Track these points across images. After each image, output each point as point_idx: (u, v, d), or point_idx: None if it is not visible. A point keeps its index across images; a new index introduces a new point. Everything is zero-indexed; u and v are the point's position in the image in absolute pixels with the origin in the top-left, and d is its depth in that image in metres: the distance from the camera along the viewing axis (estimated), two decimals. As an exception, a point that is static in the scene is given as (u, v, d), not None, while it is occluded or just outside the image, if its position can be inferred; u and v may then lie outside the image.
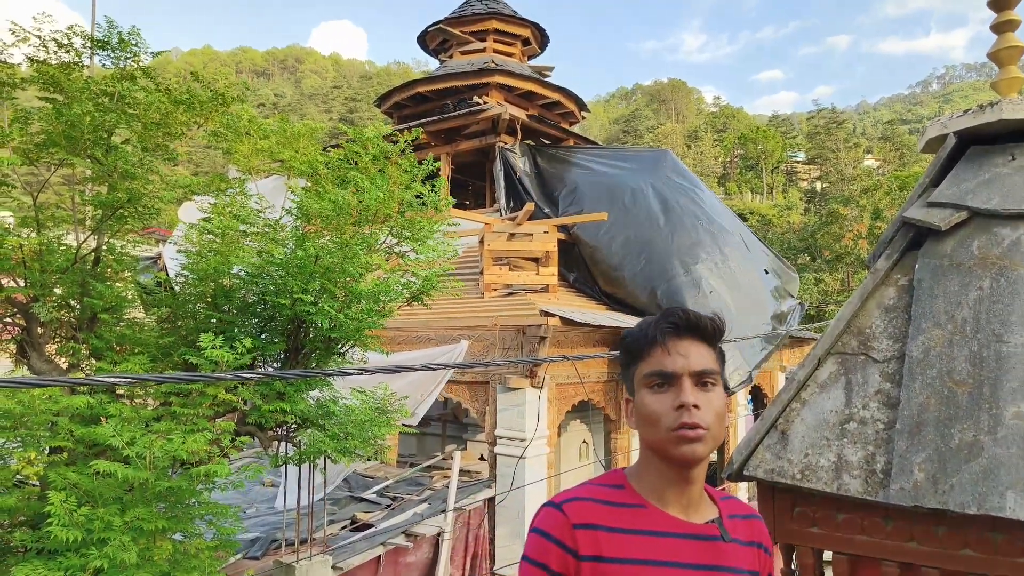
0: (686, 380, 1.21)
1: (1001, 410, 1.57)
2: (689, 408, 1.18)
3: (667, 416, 1.20)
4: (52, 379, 2.59)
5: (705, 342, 1.26)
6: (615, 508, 1.22)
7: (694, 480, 1.24)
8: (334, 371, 3.65)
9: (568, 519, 1.20)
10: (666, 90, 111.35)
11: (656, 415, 1.21)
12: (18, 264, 4.63)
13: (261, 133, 6.29)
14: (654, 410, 1.22)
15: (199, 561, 4.59)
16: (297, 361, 5.66)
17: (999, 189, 1.89)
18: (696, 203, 11.49)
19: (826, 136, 70.20)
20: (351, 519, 7.50)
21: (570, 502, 1.23)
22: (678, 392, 1.20)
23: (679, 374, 1.21)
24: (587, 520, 1.20)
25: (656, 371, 1.23)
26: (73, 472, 4.02)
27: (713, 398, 1.22)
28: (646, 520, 1.21)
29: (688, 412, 1.18)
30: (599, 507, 1.22)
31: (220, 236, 5.44)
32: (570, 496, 1.25)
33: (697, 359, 1.22)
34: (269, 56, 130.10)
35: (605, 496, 1.25)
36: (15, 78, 4.84)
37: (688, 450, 1.18)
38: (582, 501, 1.23)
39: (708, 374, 1.22)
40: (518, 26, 14.34)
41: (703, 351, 1.24)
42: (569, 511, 1.22)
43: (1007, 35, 2.15)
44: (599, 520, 1.21)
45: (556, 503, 1.24)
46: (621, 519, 1.21)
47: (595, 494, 1.25)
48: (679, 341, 1.24)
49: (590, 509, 1.22)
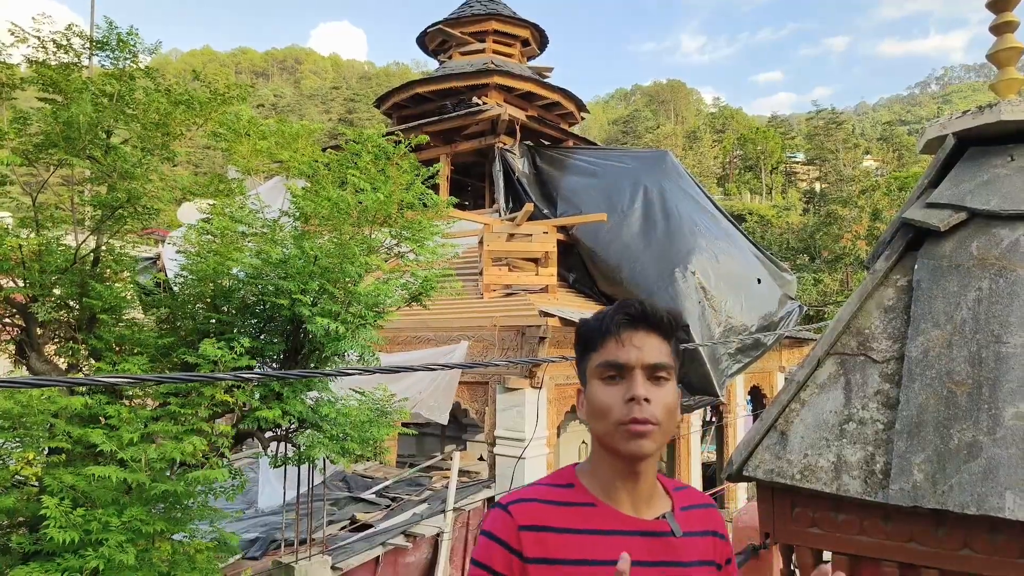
0: (638, 373, 1.18)
1: (1000, 411, 1.57)
2: (640, 402, 1.15)
3: (617, 409, 1.17)
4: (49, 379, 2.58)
5: (660, 335, 1.22)
6: (564, 508, 1.20)
7: (644, 474, 1.21)
8: (333, 372, 3.64)
9: (514, 520, 1.19)
10: (665, 91, 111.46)
11: (606, 407, 1.18)
12: (17, 264, 4.63)
13: (260, 134, 6.29)
14: (604, 402, 1.19)
15: (198, 562, 4.59)
16: (296, 362, 5.66)
17: (998, 190, 1.90)
18: (695, 206, 11.50)
19: (825, 137, 70.26)
20: (350, 519, 7.49)
21: (517, 503, 1.21)
22: (630, 385, 1.17)
23: (632, 366, 1.18)
24: (533, 521, 1.18)
25: (608, 362, 1.20)
26: (69, 475, 4.01)
27: (665, 392, 1.19)
28: (596, 519, 1.19)
29: (639, 406, 1.15)
30: (547, 507, 1.20)
31: (219, 237, 5.44)
32: (517, 497, 1.23)
33: (651, 352, 1.19)
34: (268, 57, 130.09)
35: (554, 496, 1.23)
36: (14, 79, 4.84)
37: (635, 445, 1.16)
38: (529, 502, 1.21)
39: (661, 368, 1.20)
40: (517, 27, 14.34)
41: (657, 344, 1.21)
42: (515, 512, 1.20)
43: (1006, 36, 2.15)
44: (546, 521, 1.18)
45: (503, 504, 1.22)
46: (570, 519, 1.19)
47: (543, 494, 1.23)
48: (634, 333, 1.20)
49: (537, 510, 1.20)
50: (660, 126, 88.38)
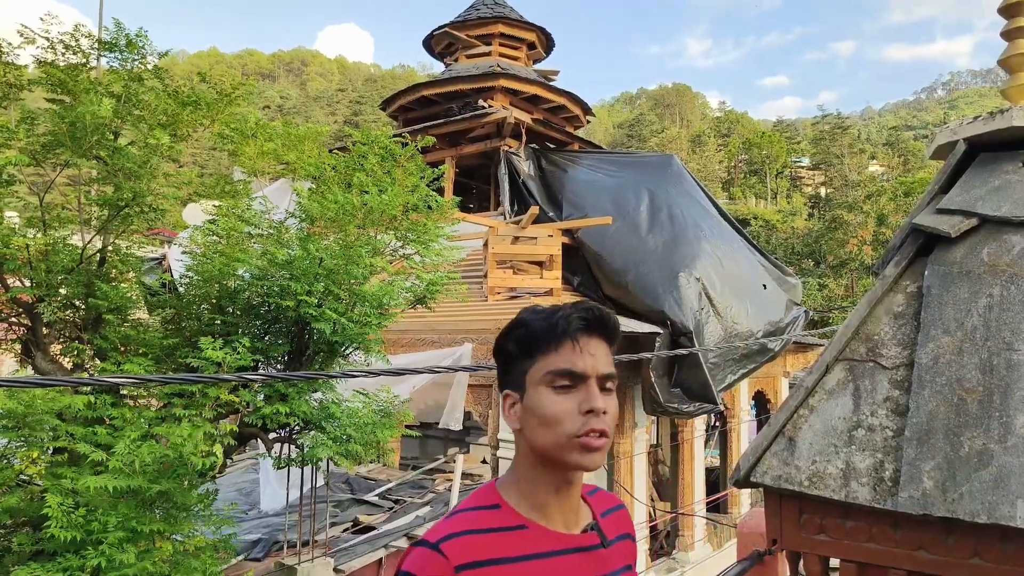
0: (593, 383, 1.11)
1: (1011, 419, 1.55)
2: (599, 414, 1.09)
3: (571, 420, 1.09)
4: (54, 379, 2.58)
5: (609, 343, 1.17)
6: (496, 535, 1.10)
7: (576, 484, 1.17)
8: (337, 374, 3.64)
9: (448, 561, 1.05)
10: (671, 95, 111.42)
11: (558, 417, 1.10)
12: (24, 264, 4.64)
13: (267, 135, 6.31)
14: (555, 412, 1.10)
15: (199, 562, 4.59)
16: (301, 363, 5.67)
17: (1009, 196, 1.88)
18: (700, 210, 11.48)
19: (831, 141, 70.11)
20: (353, 521, 7.49)
21: (448, 540, 1.08)
22: (587, 395, 1.10)
23: (588, 375, 1.11)
24: (470, 558, 1.06)
25: (565, 370, 1.11)
26: (68, 479, 4.01)
27: (613, 403, 1.14)
28: (529, 542, 1.11)
29: (597, 418, 1.09)
30: (479, 538, 1.09)
31: (225, 238, 5.45)
32: (447, 532, 1.09)
33: (604, 361, 1.14)
34: (275, 59, 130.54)
35: (483, 522, 1.12)
36: (22, 80, 4.86)
37: (590, 459, 1.10)
38: (461, 536, 1.09)
39: (611, 378, 1.15)
40: (523, 30, 14.35)
41: (608, 352, 1.16)
42: (448, 551, 1.06)
43: (1018, 42, 2.14)
44: (482, 554, 1.07)
45: (432, 543, 1.08)
46: (504, 546, 1.09)
47: (473, 523, 1.12)
48: (590, 339, 1.14)
49: (471, 544, 1.08)
50: (665, 130, 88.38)
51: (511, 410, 1.19)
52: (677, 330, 9.58)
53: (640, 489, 10.63)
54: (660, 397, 9.53)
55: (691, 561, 11.35)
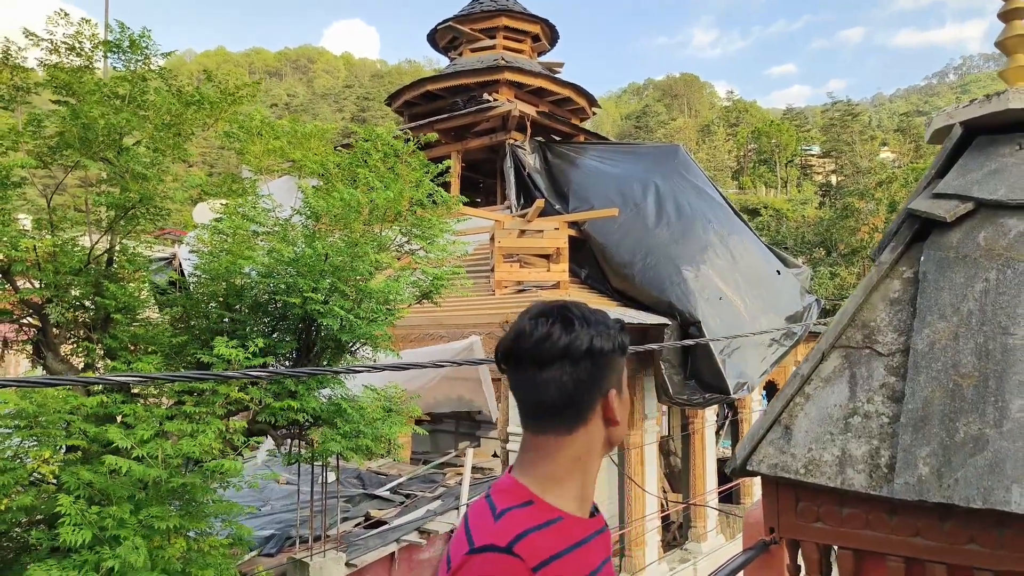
0: None
1: (1007, 403, 1.55)
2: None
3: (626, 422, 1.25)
4: (62, 379, 2.62)
5: None
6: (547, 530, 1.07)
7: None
8: (342, 369, 3.66)
9: (525, 563, 1.00)
10: (678, 85, 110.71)
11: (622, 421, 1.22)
12: (32, 266, 4.69)
13: (273, 134, 6.33)
14: (622, 415, 1.22)
15: (213, 559, 4.64)
16: (309, 360, 5.70)
17: (1006, 179, 1.87)
18: (708, 200, 11.42)
19: (841, 129, 69.53)
20: (365, 516, 7.54)
21: (519, 541, 1.02)
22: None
23: None
24: (542, 556, 1.03)
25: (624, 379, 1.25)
26: (86, 471, 4.07)
27: None
28: (568, 533, 1.10)
29: None
30: (540, 534, 1.06)
31: (231, 236, 5.49)
32: (516, 533, 1.04)
33: None
34: (281, 56, 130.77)
35: (536, 519, 1.08)
36: (28, 82, 4.90)
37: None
38: (528, 535, 1.04)
39: None
40: (527, 23, 14.31)
41: None
42: (523, 552, 1.01)
43: (1015, 23, 2.11)
44: (549, 549, 1.04)
45: (502, 547, 1.01)
46: (558, 540, 1.07)
47: (528, 519, 1.07)
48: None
49: (537, 541, 1.04)
50: (673, 120, 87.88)
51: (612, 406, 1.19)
52: (686, 320, 9.56)
53: (651, 480, 10.63)
54: (671, 388, 9.52)
55: (703, 551, 11.34)
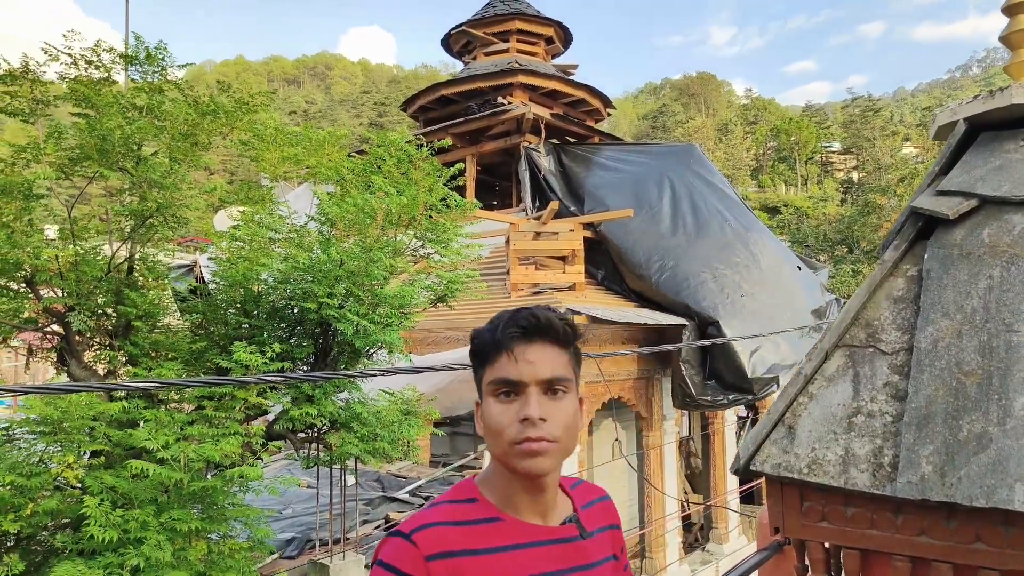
0: (533, 389, 1.12)
1: (1011, 401, 1.53)
2: (534, 422, 1.10)
3: (511, 428, 1.11)
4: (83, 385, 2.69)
5: (557, 345, 1.17)
6: (471, 527, 1.13)
7: (545, 487, 1.17)
8: (356, 373, 3.71)
9: (419, 551, 1.09)
10: (695, 84, 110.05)
11: (500, 426, 1.13)
12: (55, 275, 4.80)
13: (287, 141, 6.41)
14: (498, 420, 1.13)
15: (235, 561, 4.71)
16: (325, 364, 5.76)
17: (1010, 175, 1.85)
18: (723, 199, 11.36)
19: (862, 125, 68.73)
20: (384, 519, 7.59)
21: (421, 530, 1.11)
22: (524, 403, 1.12)
23: (526, 383, 1.12)
24: (442, 548, 1.09)
25: (501, 379, 1.14)
26: (110, 476, 4.16)
27: (563, 407, 1.14)
28: (504, 534, 1.14)
29: (533, 426, 1.10)
30: (453, 529, 1.12)
31: (248, 243, 5.57)
32: (421, 523, 1.13)
33: (546, 366, 1.14)
34: (299, 64, 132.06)
35: (458, 515, 1.15)
36: (47, 95, 5.02)
37: (531, 464, 1.11)
38: (434, 527, 1.12)
39: (558, 381, 1.14)
40: (541, 25, 14.33)
41: (554, 356, 1.16)
42: (420, 541, 1.10)
43: (1019, 18, 2.09)
44: (455, 545, 1.10)
45: (405, 532, 1.12)
46: (478, 538, 1.12)
47: (447, 515, 1.15)
48: (527, 346, 1.14)
49: (443, 534, 1.11)
50: (691, 119, 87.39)
51: (477, 418, 1.22)
52: (704, 321, 9.51)
53: (671, 481, 10.59)
54: (693, 390, 9.47)
55: (725, 553, 11.27)
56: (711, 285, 9.77)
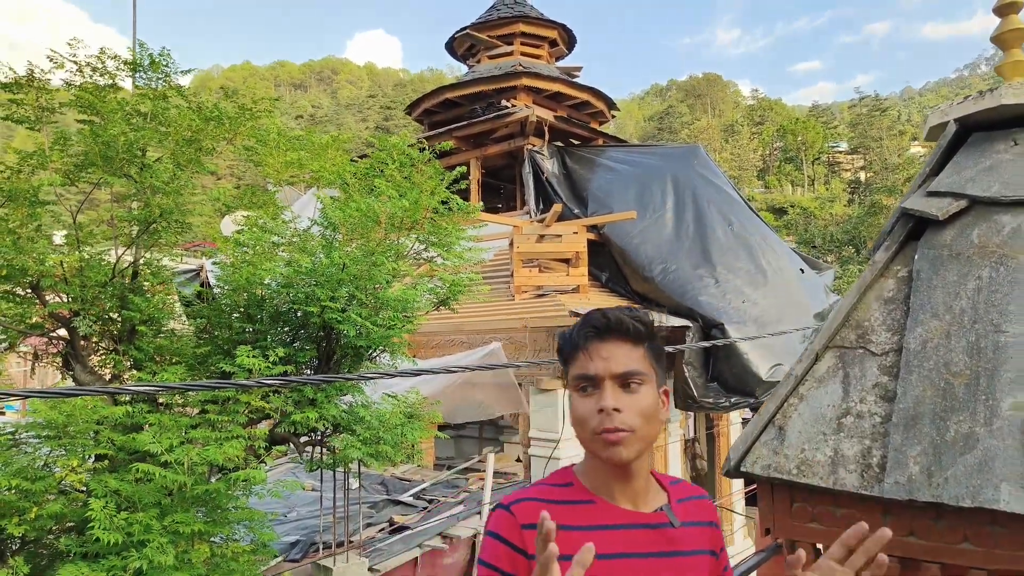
0: (607, 383, 1.23)
1: (998, 401, 1.53)
2: (608, 412, 1.20)
3: (591, 419, 1.23)
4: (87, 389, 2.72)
5: (629, 342, 1.27)
6: (564, 506, 1.24)
7: (634, 474, 1.26)
8: (357, 376, 3.72)
9: (516, 519, 1.22)
10: (701, 85, 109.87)
11: (582, 417, 1.24)
12: (60, 280, 4.84)
13: (290, 146, 6.45)
14: (580, 413, 1.25)
15: (238, 564, 4.73)
16: (329, 368, 5.78)
17: (1000, 176, 1.85)
18: (727, 201, 11.34)
19: (869, 124, 68.39)
20: (388, 521, 7.61)
21: (518, 503, 1.24)
22: (600, 396, 1.23)
23: (601, 377, 1.23)
24: (535, 519, 1.15)
25: (579, 375, 1.26)
26: (113, 479, 4.19)
27: (639, 399, 1.23)
28: (596, 515, 1.24)
29: (608, 416, 1.20)
30: (547, 506, 1.22)
31: (251, 248, 5.60)
32: (519, 497, 1.26)
33: (619, 361, 1.24)
34: (306, 68, 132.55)
35: (554, 495, 1.26)
36: (53, 102, 5.07)
37: (612, 453, 1.21)
38: (530, 501, 1.24)
39: (632, 375, 1.24)
40: (545, 28, 14.35)
41: (627, 352, 1.26)
42: (517, 511, 1.23)
43: (1010, 17, 2.09)
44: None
45: (505, 504, 1.26)
46: (570, 516, 1.22)
47: (543, 494, 1.27)
48: (601, 344, 1.25)
49: (538, 508, 1.21)
50: (697, 121, 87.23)
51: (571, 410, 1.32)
52: (708, 323, 9.49)
53: (676, 484, 10.55)
54: (695, 392, 9.45)
55: (730, 555, 11.22)
56: (714, 288, 9.75)
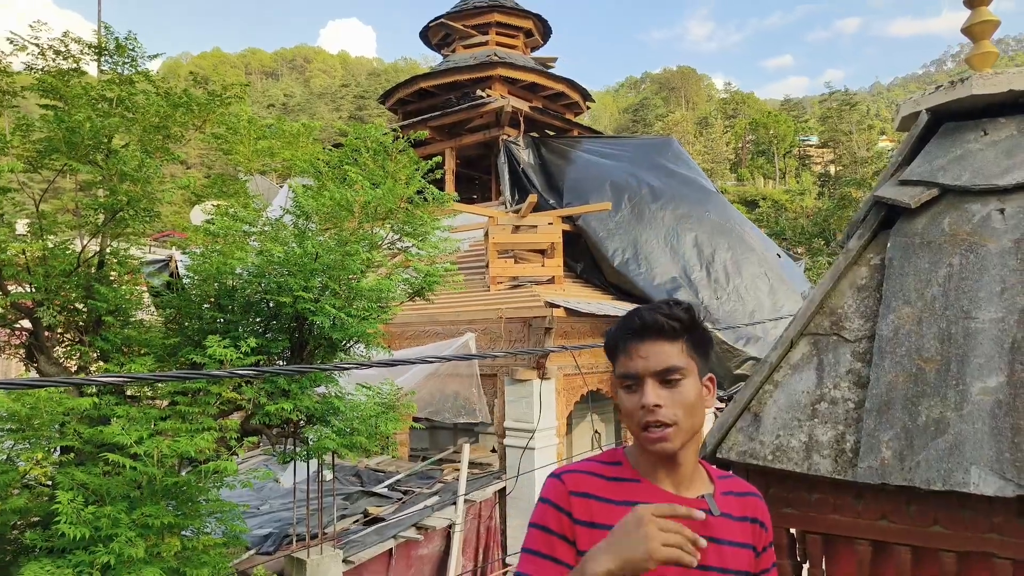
0: (648, 381, 1.30)
1: (968, 386, 1.56)
2: (650, 408, 1.27)
3: (636, 414, 1.30)
4: (51, 380, 2.65)
5: (667, 340, 1.32)
6: (611, 482, 1.34)
7: (681, 462, 1.33)
8: (329, 366, 3.69)
9: (566, 486, 1.33)
10: (676, 78, 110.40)
11: (629, 412, 1.32)
12: (22, 269, 4.70)
13: (261, 133, 6.33)
14: (627, 408, 1.32)
15: (209, 557, 4.66)
16: (302, 358, 5.71)
17: (970, 165, 1.87)
18: (701, 192, 11.43)
19: (839, 119, 69.34)
20: (363, 513, 7.57)
21: (569, 473, 1.36)
22: (642, 393, 1.30)
23: (642, 376, 1.30)
24: (583, 489, 1.32)
25: (623, 374, 1.33)
26: (81, 472, 4.10)
27: (681, 392, 1.30)
28: (639, 493, 1.32)
29: (650, 412, 1.27)
30: (595, 480, 1.34)
31: (222, 237, 5.50)
32: (570, 468, 1.38)
33: (657, 359, 1.30)
34: (278, 56, 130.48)
35: (603, 471, 1.37)
36: (14, 86, 4.91)
37: (657, 447, 1.29)
38: (580, 473, 1.36)
39: (671, 371, 1.30)
40: (520, 18, 14.29)
41: (665, 349, 1.31)
42: (567, 480, 1.34)
43: (980, 9, 2.12)
44: (594, 491, 1.32)
45: (557, 474, 1.37)
46: (616, 492, 1.32)
47: (593, 468, 1.37)
48: (640, 344, 1.32)
49: (587, 480, 1.34)
50: (671, 113, 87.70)
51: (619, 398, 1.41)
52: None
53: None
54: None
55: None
56: (691, 276, 9.83)
